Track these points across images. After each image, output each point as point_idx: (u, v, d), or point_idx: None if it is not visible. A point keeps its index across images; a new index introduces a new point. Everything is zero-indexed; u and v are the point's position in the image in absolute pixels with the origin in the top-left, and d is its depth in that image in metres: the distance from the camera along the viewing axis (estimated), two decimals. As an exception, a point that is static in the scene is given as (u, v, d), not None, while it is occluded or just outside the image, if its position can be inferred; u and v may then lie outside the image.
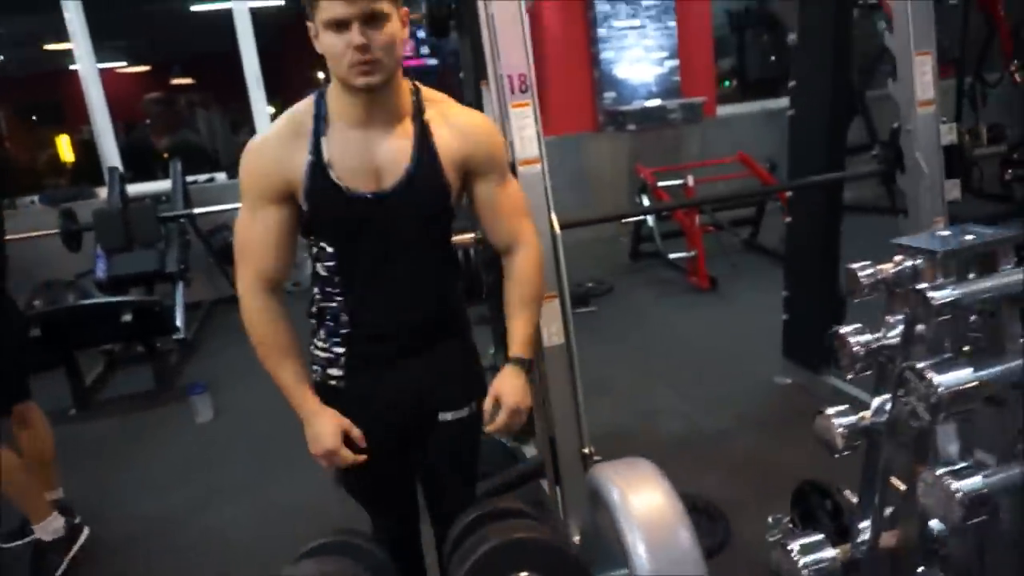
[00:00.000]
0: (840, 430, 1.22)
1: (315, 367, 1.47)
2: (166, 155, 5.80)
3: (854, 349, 1.17)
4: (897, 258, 1.17)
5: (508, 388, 1.42)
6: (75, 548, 2.47)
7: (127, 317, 3.58)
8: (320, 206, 1.32)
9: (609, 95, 5.92)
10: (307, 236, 1.41)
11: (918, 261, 1.14)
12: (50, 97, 8.22)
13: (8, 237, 2.60)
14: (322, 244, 1.38)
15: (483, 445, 2.72)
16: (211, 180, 5.86)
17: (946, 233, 1.15)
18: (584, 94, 6.02)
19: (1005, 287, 1.09)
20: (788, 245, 3.19)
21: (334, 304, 1.42)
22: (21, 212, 5.28)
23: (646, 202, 5.08)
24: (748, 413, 3.03)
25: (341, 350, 1.44)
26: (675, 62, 5.97)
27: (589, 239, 5.54)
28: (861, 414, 1.24)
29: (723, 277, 4.69)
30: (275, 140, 1.33)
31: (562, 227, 2.10)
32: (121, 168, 5.21)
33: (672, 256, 4.83)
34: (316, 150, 1.30)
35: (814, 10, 2.73)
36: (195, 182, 5.69)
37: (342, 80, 1.26)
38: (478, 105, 2.56)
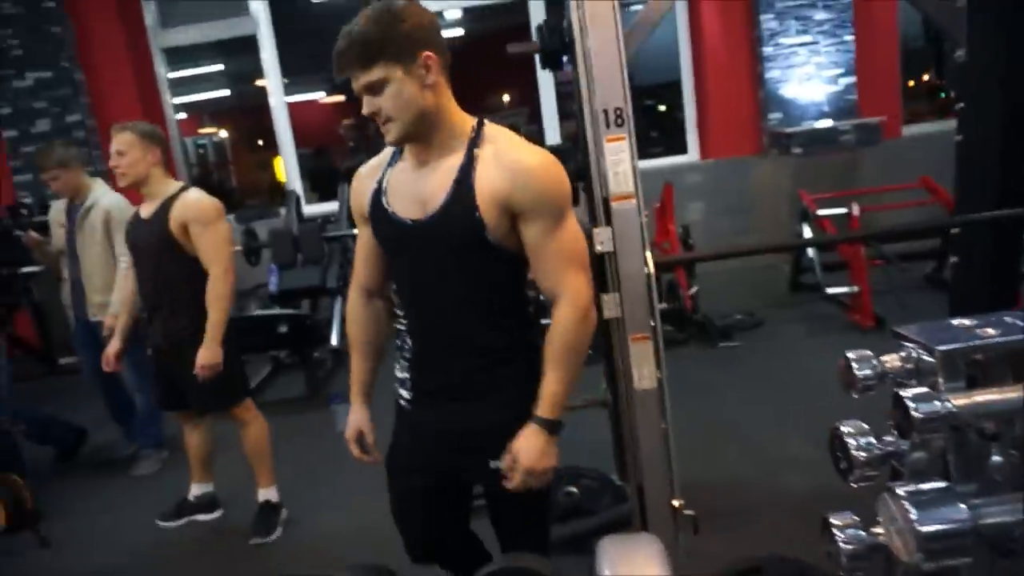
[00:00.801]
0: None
1: (395, 385, 1.58)
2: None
3: (855, 453, 0.97)
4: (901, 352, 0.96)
5: (524, 448, 1.39)
6: (284, 515, 2.84)
7: (283, 328, 3.92)
8: (376, 227, 1.47)
9: (775, 116, 5.58)
10: None
11: (919, 356, 0.93)
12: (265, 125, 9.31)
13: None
14: (390, 263, 1.53)
15: (592, 482, 2.68)
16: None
17: (967, 323, 0.92)
18: (748, 115, 5.72)
19: (1011, 404, 0.85)
20: (953, 290, 2.79)
21: (402, 326, 1.52)
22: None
23: (806, 232, 4.70)
24: (892, 477, 2.67)
25: (406, 375, 1.53)
26: (851, 79, 5.49)
27: (746, 267, 5.26)
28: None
29: (892, 317, 4.20)
30: (366, 169, 1.52)
31: (697, 260, 1.99)
32: (300, 191, 5.75)
33: (831, 291, 4.41)
34: (381, 179, 1.45)
35: (984, 19, 2.37)
36: None
37: None
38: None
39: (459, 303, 1.42)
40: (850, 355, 1.01)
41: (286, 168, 6.15)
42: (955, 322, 0.94)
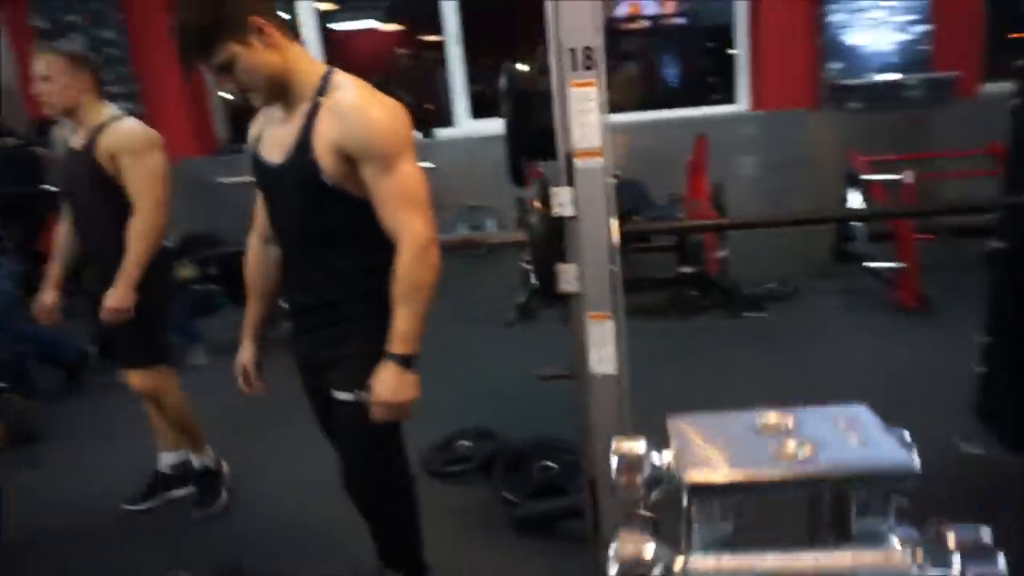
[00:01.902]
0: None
1: None
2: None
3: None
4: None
5: (380, 383, 1.49)
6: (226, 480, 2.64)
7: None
8: (253, 171, 1.60)
9: (834, 66, 5.06)
10: None
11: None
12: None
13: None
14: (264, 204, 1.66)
15: (571, 456, 2.50)
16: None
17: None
18: (804, 65, 5.21)
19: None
20: (995, 278, 2.42)
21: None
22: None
23: (853, 198, 4.27)
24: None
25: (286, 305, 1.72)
26: (927, 27, 4.91)
27: (785, 230, 4.85)
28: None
29: (941, 298, 3.80)
30: (260, 117, 1.64)
31: (727, 228, 1.75)
32: None
33: (873, 265, 4.02)
34: (262, 126, 1.59)
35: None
36: None
37: None
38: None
39: (305, 241, 1.55)
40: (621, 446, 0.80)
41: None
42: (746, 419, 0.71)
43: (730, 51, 5.62)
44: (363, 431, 1.57)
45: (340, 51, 8.04)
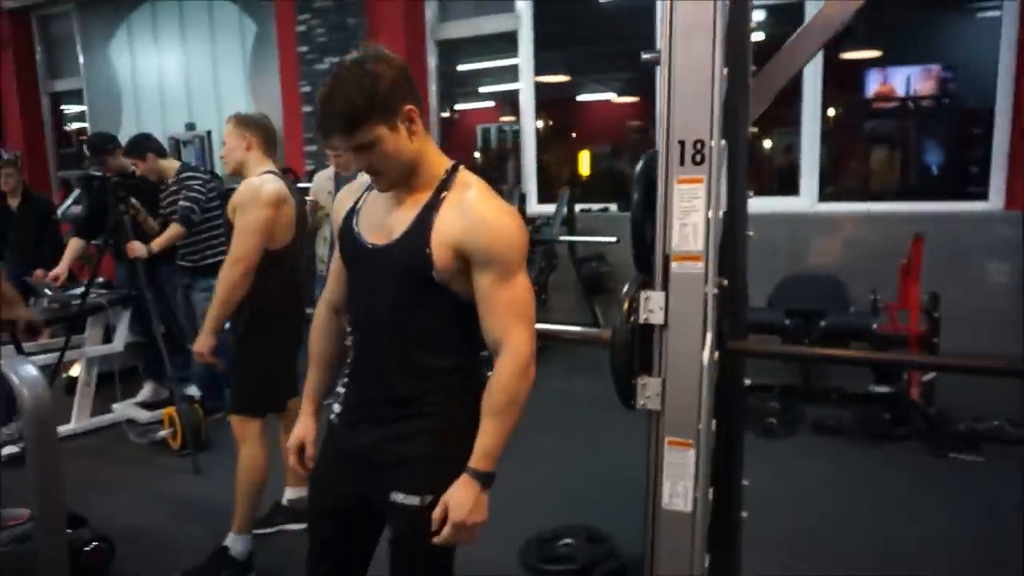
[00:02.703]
0: None
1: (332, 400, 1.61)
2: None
3: None
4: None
5: (456, 501, 1.37)
6: None
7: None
8: (342, 245, 1.54)
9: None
10: None
11: None
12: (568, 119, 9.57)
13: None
14: (348, 283, 1.57)
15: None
16: (604, 210, 6.04)
17: None
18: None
19: None
20: None
21: (349, 342, 1.56)
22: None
23: None
24: None
25: (341, 390, 1.56)
26: None
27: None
28: None
29: None
30: (350, 188, 1.62)
31: (920, 367, 1.50)
32: (534, 190, 5.98)
33: None
34: (358, 200, 1.53)
35: None
36: (605, 209, 6.00)
37: None
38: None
39: (393, 330, 1.45)
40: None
41: (523, 166, 6.19)
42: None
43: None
44: (422, 544, 1.39)
45: (580, 118, 8.40)
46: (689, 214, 1.49)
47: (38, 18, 8.84)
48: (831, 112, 5.52)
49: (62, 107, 9.18)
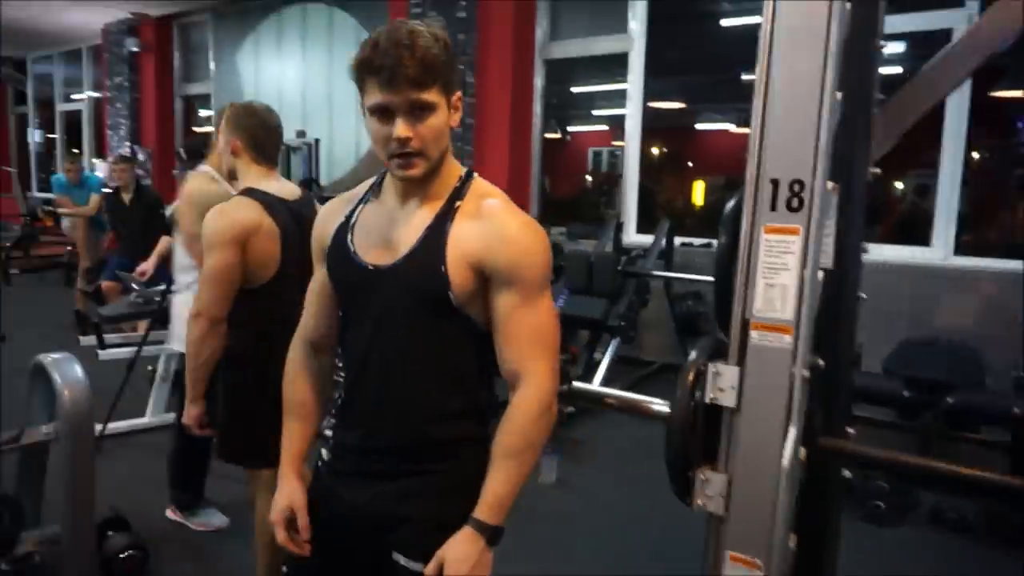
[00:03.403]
0: None
1: (319, 446, 1.40)
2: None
3: None
4: None
5: (454, 555, 1.17)
6: None
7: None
8: (332, 267, 1.30)
9: None
10: None
11: None
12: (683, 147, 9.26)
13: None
14: (341, 311, 1.34)
15: None
16: (707, 245, 5.65)
17: None
18: None
19: None
20: None
21: (341, 379, 1.34)
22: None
23: None
24: None
25: (330, 433, 1.35)
26: None
27: None
28: None
29: None
30: (335, 203, 1.35)
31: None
32: (633, 218, 5.63)
33: None
34: (350, 215, 1.29)
35: None
36: (708, 245, 5.64)
37: (385, 164, 1.21)
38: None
39: (403, 366, 1.24)
40: None
41: (623, 193, 5.90)
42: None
43: None
44: None
45: (696, 147, 8.10)
46: (778, 272, 1.18)
47: (179, 26, 9.40)
48: (975, 155, 4.91)
49: (199, 111, 9.69)
